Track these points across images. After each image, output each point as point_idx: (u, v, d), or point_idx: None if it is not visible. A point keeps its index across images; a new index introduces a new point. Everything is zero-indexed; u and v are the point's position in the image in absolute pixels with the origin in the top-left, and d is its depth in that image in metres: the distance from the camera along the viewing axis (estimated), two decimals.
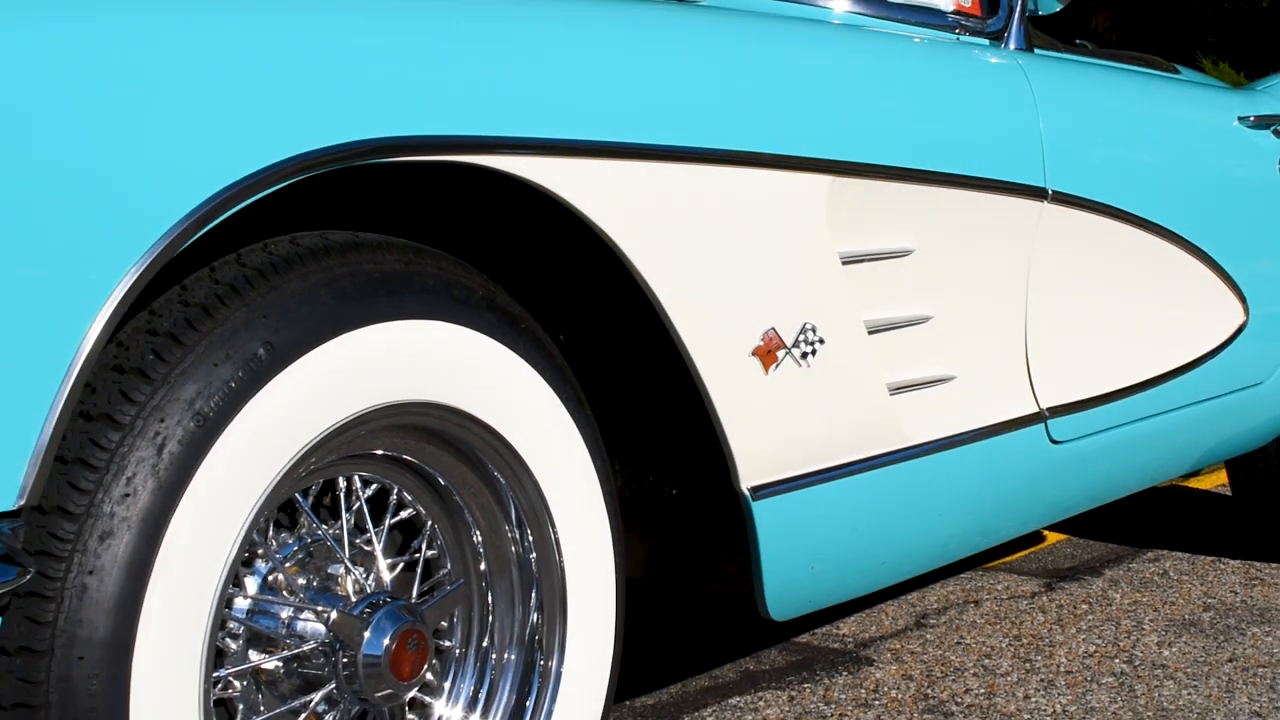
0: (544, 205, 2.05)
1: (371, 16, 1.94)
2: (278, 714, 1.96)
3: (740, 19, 2.59)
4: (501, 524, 2.14)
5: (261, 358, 1.76)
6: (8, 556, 1.56)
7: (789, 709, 3.15)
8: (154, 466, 1.67)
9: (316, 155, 1.74)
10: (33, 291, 1.55)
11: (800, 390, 2.37)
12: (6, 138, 1.54)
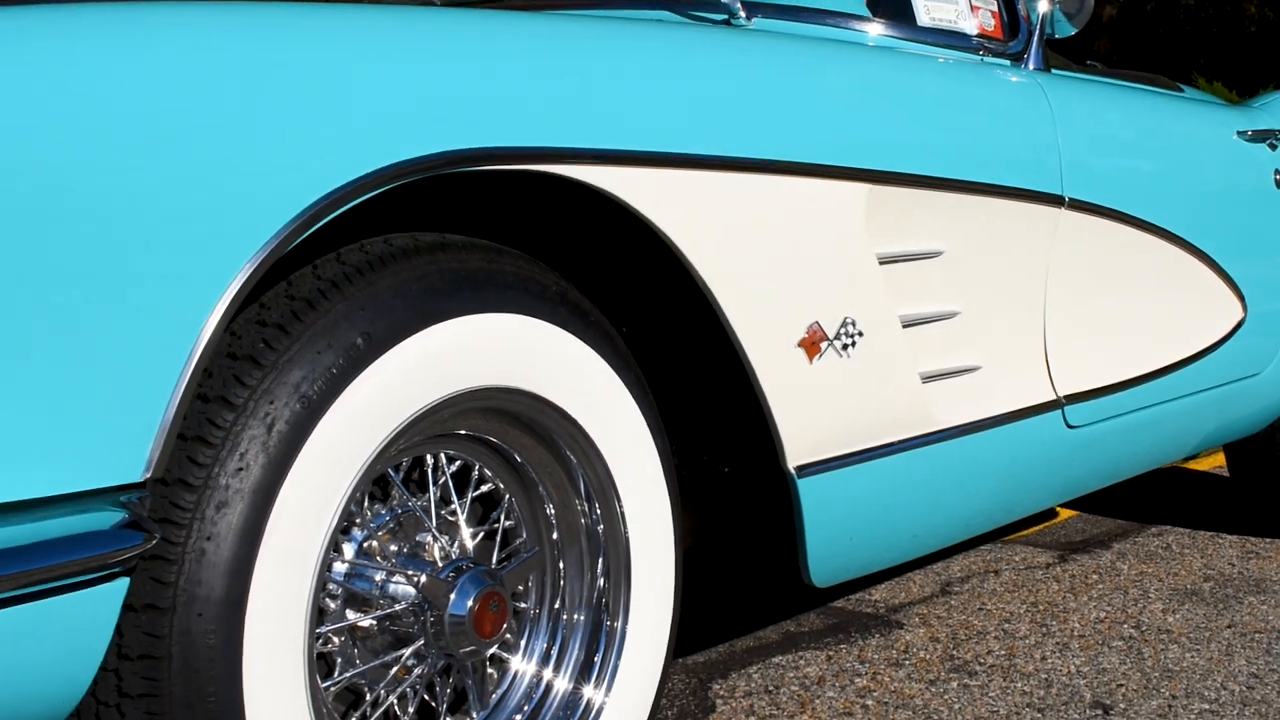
0: (605, 209, 2.07)
1: (459, 38, 1.96)
2: (371, 667, 1.98)
3: (788, 42, 2.59)
4: (572, 498, 2.16)
5: (359, 346, 1.77)
6: (135, 523, 1.58)
7: (827, 667, 3.15)
8: (264, 444, 1.69)
9: (409, 164, 1.76)
10: (159, 286, 1.57)
11: (841, 378, 2.37)
12: (142, 150, 1.56)
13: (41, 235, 1.50)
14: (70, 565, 1.52)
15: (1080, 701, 2.99)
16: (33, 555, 1.50)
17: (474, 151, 1.83)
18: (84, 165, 1.53)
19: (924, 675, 3.12)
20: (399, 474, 2.01)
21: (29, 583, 1.50)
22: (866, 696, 2.98)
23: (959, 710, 2.92)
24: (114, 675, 1.65)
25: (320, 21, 1.83)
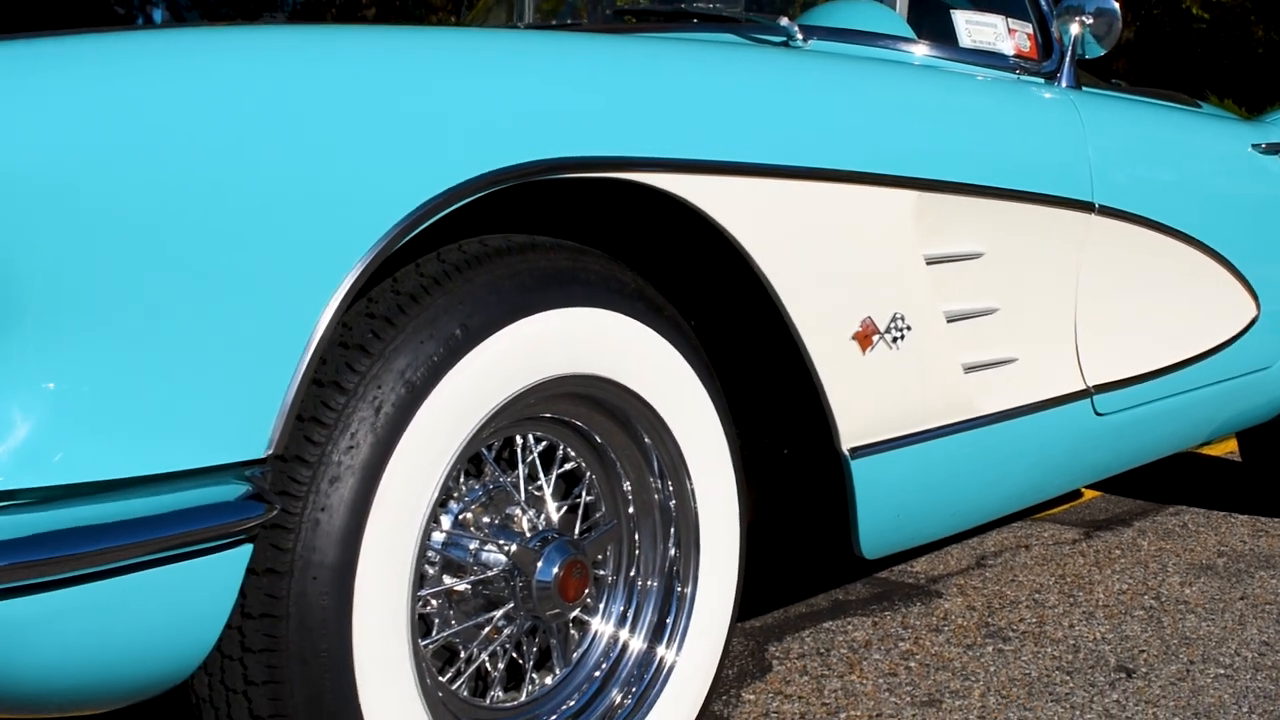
0: (676, 212, 2.07)
1: (547, 56, 1.97)
2: (465, 627, 1.99)
3: (842, 61, 2.59)
4: (647, 475, 2.16)
5: (458, 337, 1.78)
6: (258, 495, 1.60)
7: (873, 632, 3.15)
8: (372, 425, 1.70)
9: (504, 171, 1.77)
10: (283, 282, 1.59)
11: (891, 368, 2.37)
12: (271, 160, 1.58)
13: (184, 235, 1.52)
14: (201, 533, 1.54)
15: (1105, 665, 2.97)
16: (168, 523, 1.52)
17: (562, 160, 1.84)
18: (220, 173, 1.55)
19: (961, 640, 3.11)
20: (491, 453, 2.02)
21: (165, 547, 1.52)
22: (909, 659, 2.98)
23: (994, 672, 2.91)
24: (238, 632, 1.67)
25: (425, 43, 1.85)
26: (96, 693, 1.61)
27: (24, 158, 1.43)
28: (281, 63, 1.65)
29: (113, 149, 1.48)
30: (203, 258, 1.53)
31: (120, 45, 1.57)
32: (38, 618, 1.48)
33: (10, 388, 1.45)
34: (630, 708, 2.12)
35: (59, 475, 1.45)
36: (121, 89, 1.51)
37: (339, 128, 1.64)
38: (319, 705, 1.69)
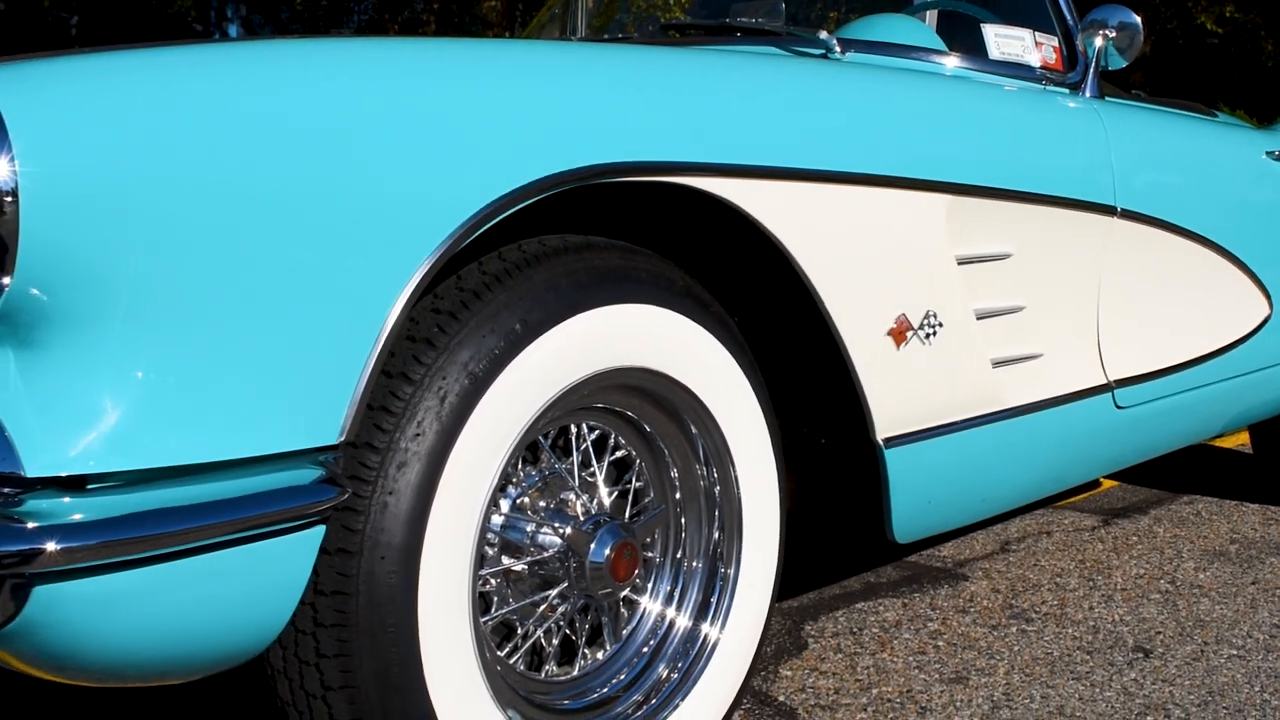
0: (720, 214, 2.06)
1: (602, 66, 1.97)
2: (522, 605, 1.99)
3: (878, 72, 2.58)
4: (693, 463, 2.15)
5: (518, 331, 1.78)
6: (331, 479, 1.60)
7: (903, 613, 3.14)
8: (437, 413, 1.70)
9: (562, 175, 1.77)
10: (354, 278, 1.60)
11: (924, 363, 2.36)
12: (345, 162, 1.58)
13: (264, 235, 1.53)
14: (277, 514, 1.55)
15: (1124, 646, 2.95)
16: (248, 505, 1.53)
17: (616, 165, 1.84)
18: (298, 176, 1.55)
19: (987, 621, 3.10)
20: (547, 441, 2.02)
21: (245, 528, 1.53)
22: (937, 638, 2.97)
23: (1018, 651, 2.89)
24: (310, 608, 1.68)
25: (490, 55, 1.85)
26: (179, 664, 1.62)
27: (118, 164, 1.44)
28: (359, 73, 1.66)
29: (200, 155, 1.49)
30: (281, 257, 1.54)
31: (209, 56, 1.58)
32: (126, 593, 1.49)
33: (101, 377, 1.46)
34: (676, 682, 2.12)
35: (146, 460, 1.46)
36: (208, 98, 1.52)
37: (410, 134, 1.65)
38: (386, 677, 1.70)
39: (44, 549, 1.39)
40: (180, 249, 1.48)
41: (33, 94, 1.42)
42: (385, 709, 1.71)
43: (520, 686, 1.98)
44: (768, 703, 2.57)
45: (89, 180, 1.42)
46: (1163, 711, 2.61)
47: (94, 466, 1.43)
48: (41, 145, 1.40)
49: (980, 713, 2.56)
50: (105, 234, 1.43)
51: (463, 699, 1.78)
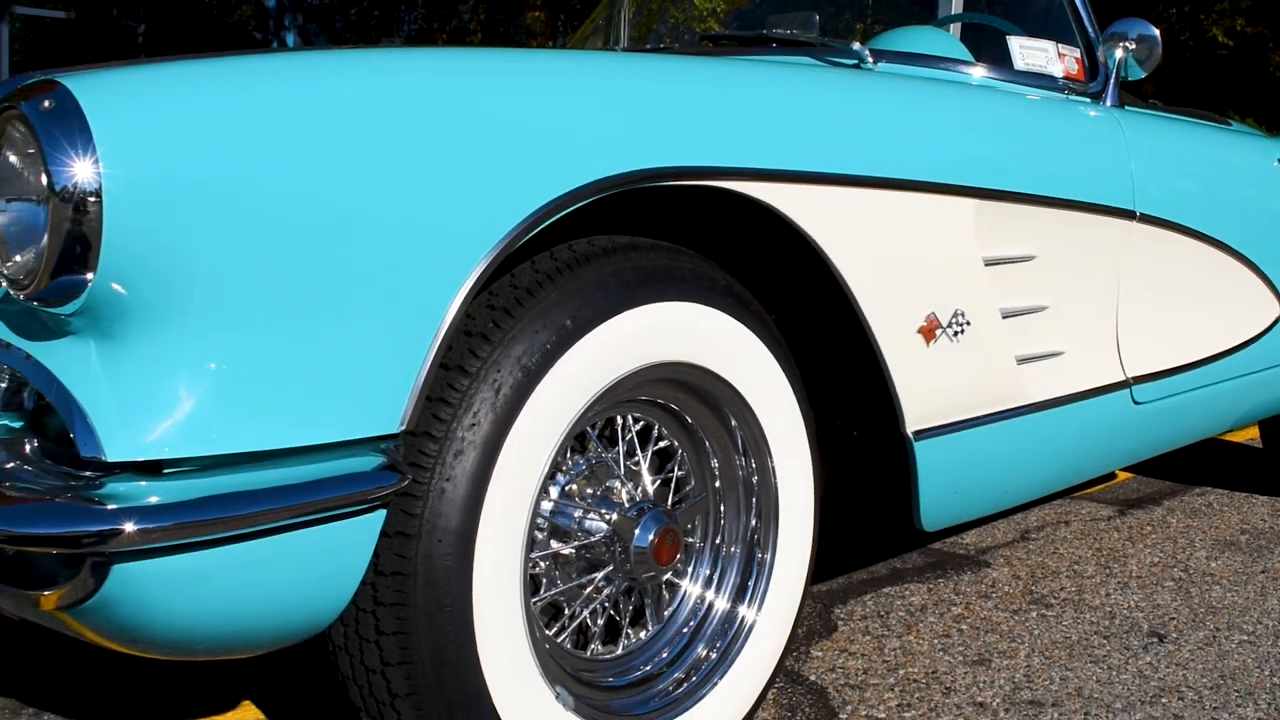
0: (757, 216, 2.05)
1: (649, 76, 1.96)
2: (570, 587, 1.99)
3: (909, 82, 2.57)
4: (732, 453, 2.15)
5: (568, 327, 1.78)
6: (392, 466, 1.61)
7: (928, 597, 3.13)
8: (492, 404, 1.70)
9: (611, 179, 1.76)
10: (415, 276, 1.60)
11: (952, 360, 2.34)
12: (408, 166, 1.59)
13: (332, 235, 1.53)
14: (341, 499, 1.56)
15: (1139, 630, 2.94)
16: (313, 490, 1.54)
17: (662, 169, 1.84)
18: (364, 179, 1.56)
19: (1008, 606, 3.08)
20: (595, 431, 2.01)
21: (310, 511, 1.54)
22: (961, 622, 2.95)
23: (1038, 635, 2.88)
24: (371, 587, 1.68)
25: (543, 63, 1.85)
26: (246, 639, 1.63)
27: (194, 166, 1.45)
28: (422, 81, 1.67)
29: (270, 158, 1.49)
30: (347, 255, 1.55)
31: (279, 65, 1.58)
32: (199, 572, 1.50)
33: (177, 368, 1.47)
34: (715, 661, 2.12)
35: (219, 446, 1.47)
36: (279, 104, 1.53)
37: (470, 139, 1.65)
38: (442, 653, 1.70)
39: (122, 529, 1.41)
40: (252, 247, 1.48)
41: (116, 100, 1.43)
42: (440, 684, 1.71)
43: (567, 664, 1.98)
44: (799, 682, 2.56)
45: (167, 182, 1.43)
46: (1176, 694, 2.59)
47: (170, 452, 1.44)
48: (124, 148, 1.40)
49: (1002, 693, 2.55)
50: (182, 233, 1.44)
51: (513, 675, 1.78)
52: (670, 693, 2.07)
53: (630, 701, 2.03)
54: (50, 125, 1.40)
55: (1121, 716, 2.47)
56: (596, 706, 1.95)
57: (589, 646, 2.06)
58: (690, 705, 2.06)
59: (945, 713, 2.45)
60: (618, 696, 2.02)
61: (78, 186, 1.39)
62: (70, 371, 1.48)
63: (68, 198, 1.39)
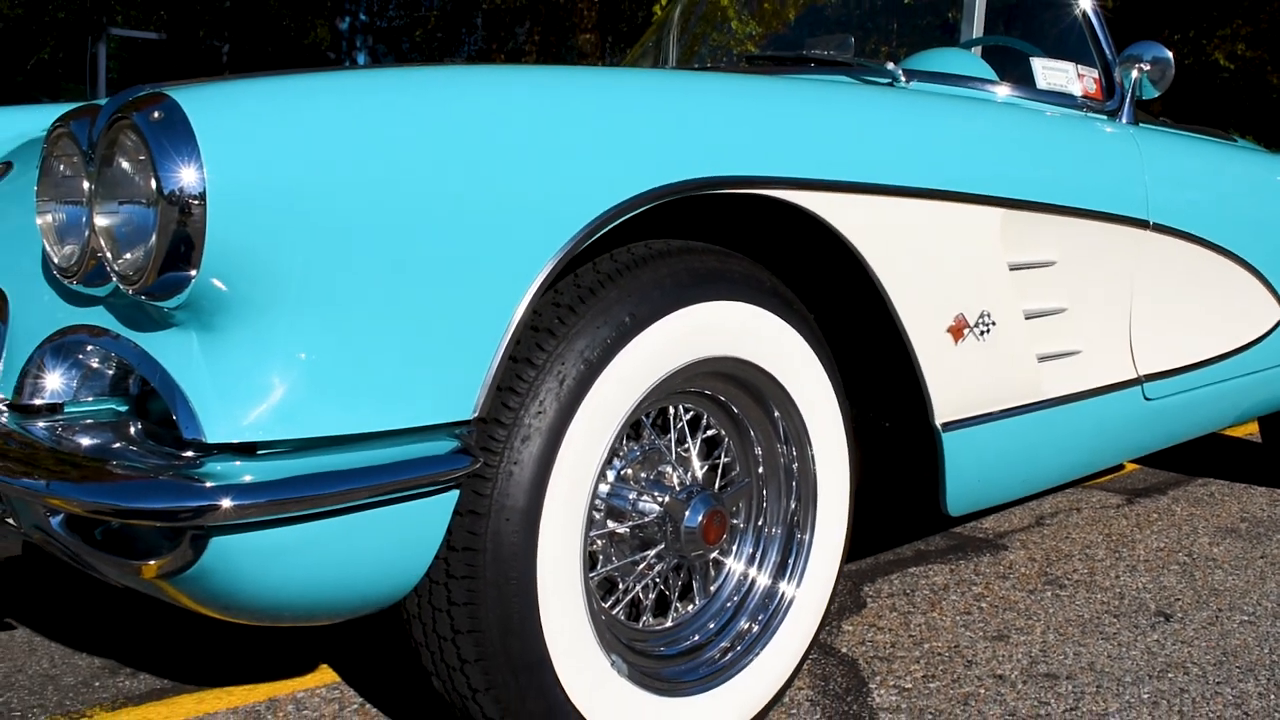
0: (794, 220, 2.04)
1: (702, 92, 1.95)
2: (624, 563, 1.99)
3: (939, 100, 2.55)
4: (775, 442, 2.14)
5: (627, 324, 1.77)
6: (465, 450, 1.61)
7: (950, 577, 3.11)
8: (556, 394, 1.70)
9: (669, 187, 1.76)
10: (488, 276, 1.60)
11: (978, 357, 2.32)
12: (482, 175, 1.59)
13: (413, 237, 1.54)
14: (419, 480, 1.56)
15: (1146, 610, 2.91)
16: (393, 471, 1.54)
17: (713, 179, 1.83)
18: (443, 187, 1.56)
19: (1025, 586, 3.06)
20: (649, 420, 2.01)
21: (391, 490, 1.54)
22: (981, 600, 2.93)
23: (1053, 614, 2.86)
24: (444, 561, 1.68)
25: (607, 81, 1.84)
26: (329, 607, 1.64)
27: (290, 173, 1.45)
28: (497, 96, 1.66)
29: (359, 166, 1.50)
30: (427, 256, 1.55)
31: (366, 80, 1.58)
32: (288, 545, 1.51)
33: (271, 358, 1.47)
34: (757, 633, 2.11)
35: (308, 430, 1.48)
36: (367, 116, 1.53)
37: (539, 151, 1.65)
38: (508, 622, 1.70)
39: (219, 505, 1.41)
40: (342, 248, 1.49)
41: (218, 111, 1.43)
42: (506, 651, 1.71)
43: (621, 634, 1.98)
44: (832, 654, 2.55)
45: (265, 187, 1.43)
46: (1182, 670, 2.56)
47: (263, 435, 1.45)
48: (226, 156, 1.41)
49: (1020, 667, 2.53)
50: (278, 234, 1.44)
51: (574, 644, 1.78)
52: (716, 661, 2.06)
53: (680, 669, 2.02)
54: (159, 134, 1.41)
55: (1131, 690, 2.45)
56: (648, 674, 1.95)
57: (641, 618, 2.05)
58: (735, 673, 2.05)
59: (967, 684, 2.44)
60: (668, 665, 2.02)
61: (184, 191, 1.39)
62: (174, 360, 1.49)
63: (175, 201, 1.40)
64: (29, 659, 2.40)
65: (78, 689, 2.28)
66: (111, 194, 1.51)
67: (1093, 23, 3.04)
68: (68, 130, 1.62)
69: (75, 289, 1.64)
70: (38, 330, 1.67)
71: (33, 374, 1.64)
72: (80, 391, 1.65)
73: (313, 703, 2.25)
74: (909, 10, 6.43)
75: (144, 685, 2.31)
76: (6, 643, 2.47)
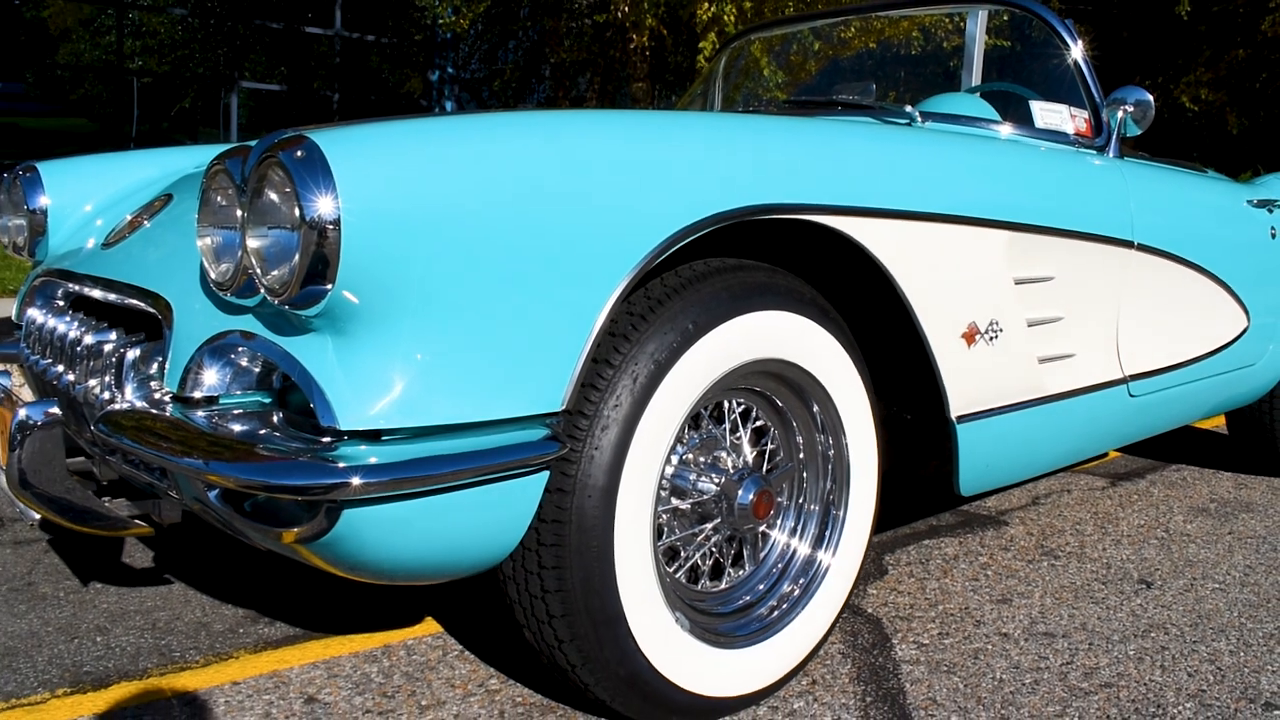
0: (826, 240, 2.03)
1: (752, 131, 1.94)
2: (685, 534, 1.98)
3: (952, 137, 2.52)
4: (814, 431, 2.12)
5: (690, 330, 1.77)
6: (554, 437, 1.62)
7: (960, 549, 3.08)
8: (630, 390, 1.70)
9: (725, 214, 1.75)
10: (575, 288, 1.60)
11: (988, 359, 2.30)
12: (571, 203, 1.59)
13: (513, 255, 1.54)
14: (516, 463, 1.57)
15: (1130, 579, 2.87)
16: (495, 455, 1.55)
17: (764, 206, 1.82)
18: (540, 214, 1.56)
19: (1024, 557, 3.02)
20: (707, 412, 2.00)
21: (493, 471, 1.55)
22: (986, 569, 2.90)
23: (1049, 580, 2.82)
24: (535, 531, 1.69)
25: (675, 123, 1.84)
26: (438, 569, 1.65)
27: (409, 200, 1.46)
28: (580, 134, 1.67)
29: (466, 195, 1.51)
30: (524, 272, 1.55)
31: (469, 122, 1.59)
32: (406, 517, 1.52)
33: (393, 358, 1.48)
34: (799, 594, 2.10)
35: (424, 419, 1.49)
36: (472, 152, 1.54)
37: (617, 184, 1.65)
38: (589, 584, 1.70)
39: (350, 482, 1.43)
40: (453, 265, 1.50)
41: (350, 150, 1.45)
42: (588, 608, 1.72)
43: (684, 595, 1.98)
44: (859, 613, 2.54)
45: (390, 213, 1.44)
46: (1162, 630, 2.53)
47: (387, 423, 1.46)
48: (357, 187, 1.42)
49: (1022, 626, 2.50)
50: (400, 253, 1.46)
51: (644, 602, 1.78)
52: (765, 618, 2.05)
53: (733, 625, 2.01)
54: (302, 170, 1.42)
55: (1119, 647, 2.41)
56: (707, 629, 1.94)
57: (700, 582, 2.05)
58: (781, 628, 2.04)
59: (977, 640, 2.41)
60: (724, 621, 2.01)
61: (322, 217, 1.41)
62: (312, 360, 1.50)
63: (314, 226, 1.41)
64: (184, 609, 2.43)
65: (225, 634, 2.31)
66: (261, 220, 1.53)
67: (1083, 70, 3.01)
68: (224, 167, 1.64)
69: (229, 300, 1.67)
70: (197, 334, 1.70)
71: (193, 371, 1.67)
72: (232, 385, 1.67)
73: (420, 649, 2.27)
74: (916, 60, 6.39)
75: (280, 632, 2.33)
76: (166, 595, 2.51)
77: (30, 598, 2.46)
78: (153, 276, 1.92)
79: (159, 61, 18.83)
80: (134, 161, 2.79)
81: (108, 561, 2.71)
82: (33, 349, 2.27)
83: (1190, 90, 15.80)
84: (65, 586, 2.53)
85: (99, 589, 2.53)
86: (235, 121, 16.53)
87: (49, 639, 2.25)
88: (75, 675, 2.09)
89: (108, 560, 2.72)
